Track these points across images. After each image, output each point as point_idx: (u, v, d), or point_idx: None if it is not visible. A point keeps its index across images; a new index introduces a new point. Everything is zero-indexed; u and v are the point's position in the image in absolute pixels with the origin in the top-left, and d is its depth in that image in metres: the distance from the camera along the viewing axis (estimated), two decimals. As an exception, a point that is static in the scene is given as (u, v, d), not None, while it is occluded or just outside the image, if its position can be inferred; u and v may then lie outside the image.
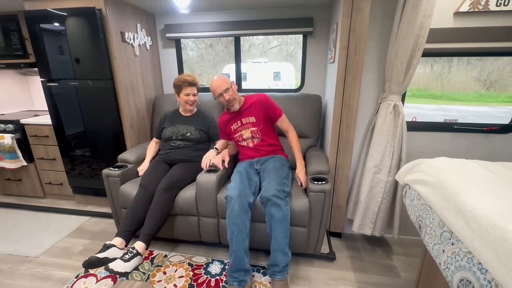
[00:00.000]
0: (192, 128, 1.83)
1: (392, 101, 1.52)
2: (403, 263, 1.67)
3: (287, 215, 1.38)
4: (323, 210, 1.46)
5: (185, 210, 1.60)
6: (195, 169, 1.68)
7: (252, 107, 1.66)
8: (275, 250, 1.37)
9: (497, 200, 0.71)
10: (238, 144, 1.77)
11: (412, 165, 1.13)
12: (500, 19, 1.45)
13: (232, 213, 1.37)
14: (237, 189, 1.42)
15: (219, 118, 1.79)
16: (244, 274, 1.34)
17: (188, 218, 1.63)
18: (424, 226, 0.95)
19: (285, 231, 1.37)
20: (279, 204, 1.37)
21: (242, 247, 1.36)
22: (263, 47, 9.51)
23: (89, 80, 1.89)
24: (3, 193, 2.55)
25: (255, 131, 1.67)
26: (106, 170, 1.70)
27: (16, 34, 2.22)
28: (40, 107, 2.88)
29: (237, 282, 1.32)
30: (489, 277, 0.61)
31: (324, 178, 1.50)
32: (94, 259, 1.29)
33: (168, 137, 1.83)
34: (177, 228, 1.67)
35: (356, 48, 1.42)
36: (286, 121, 1.72)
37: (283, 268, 1.35)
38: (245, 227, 1.38)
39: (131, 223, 1.49)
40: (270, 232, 1.39)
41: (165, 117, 1.93)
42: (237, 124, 1.69)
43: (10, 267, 1.62)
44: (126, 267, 1.30)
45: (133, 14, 1.99)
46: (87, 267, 1.30)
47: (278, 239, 1.35)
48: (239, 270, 1.34)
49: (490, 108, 7.22)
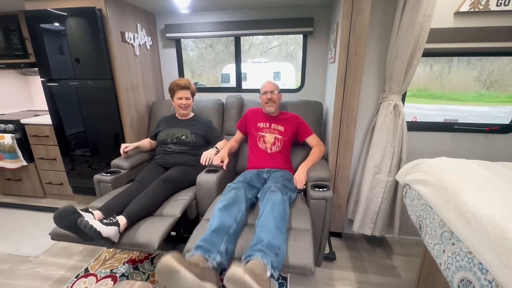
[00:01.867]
0: (187, 131, 1.80)
1: (392, 101, 1.52)
2: (403, 263, 1.67)
3: (285, 203, 1.25)
4: (325, 219, 1.39)
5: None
6: (192, 173, 1.65)
7: (285, 120, 1.76)
8: (260, 232, 1.08)
9: (497, 200, 0.71)
10: (254, 145, 1.76)
11: (412, 165, 1.13)
12: (501, 19, 1.45)
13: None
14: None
15: (251, 109, 1.87)
16: (215, 251, 1.03)
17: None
18: (424, 226, 0.95)
19: (279, 213, 1.16)
20: (275, 191, 1.29)
21: (226, 223, 1.14)
22: (263, 47, 9.52)
23: (89, 80, 1.89)
24: (3, 193, 2.55)
25: (279, 139, 1.72)
26: (97, 176, 1.61)
27: (16, 34, 2.22)
28: (40, 107, 2.88)
29: (202, 251, 1.01)
30: (490, 277, 0.61)
31: (325, 185, 1.44)
32: (71, 208, 1.13)
33: (163, 139, 1.78)
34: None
35: (356, 48, 1.42)
36: (316, 139, 1.76)
37: (268, 249, 0.99)
38: (239, 211, 1.24)
39: (116, 204, 1.37)
40: (257, 223, 1.16)
41: (161, 120, 1.92)
42: (265, 125, 1.75)
43: (10, 267, 1.62)
44: (103, 229, 1.13)
45: (133, 14, 1.99)
46: (59, 217, 1.11)
47: (267, 225, 1.10)
48: (209, 241, 1.06)
49: (490, 108, 7.22)
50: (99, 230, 1.11)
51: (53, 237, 1.27)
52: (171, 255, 0.92)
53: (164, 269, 0.91)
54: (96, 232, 1.10)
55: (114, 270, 1.55)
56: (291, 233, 1.23)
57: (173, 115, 1.93)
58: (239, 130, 1.88)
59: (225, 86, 5.76)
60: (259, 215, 1.20)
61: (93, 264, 1.61)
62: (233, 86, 2.40)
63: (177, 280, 0.90)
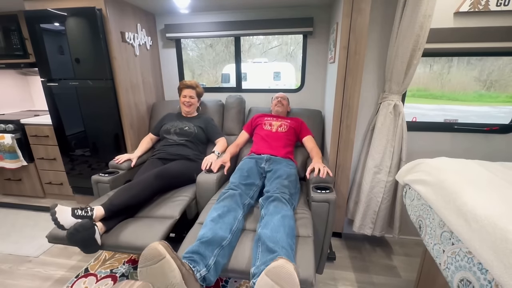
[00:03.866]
0: (191, 124, 1.92)
1: (392, 101, 1.52)
2: (403, 263, 1.67)
3: (293, 216, 1.18)
4: (327, 223, 1.31)
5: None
6: (190, 169, 1.66)
7: (290, 119, 1.91)
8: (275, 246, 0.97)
9: (497, 200, 0.71)
10: (260, 129, 1.85)
11: (412, 165, 1.13)
12: (500, 19, 1.45)
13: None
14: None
15: (257, 114, 2.01)
16: (202, 264, 0.95)
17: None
18: (424, 226, 0.95)
19: (291, 230, 1.07)
20: (284, 202, 1.20)
21: (219, 234, 1.04)
22: (263, 47, 9.51)
23: (89, 80, 1.89)
24: (3, 193, 2.55)
25: (286, 124, 1.84)
26: (95, 176, 1.58)
27: (16, 34, 2.22)
28: (40, 107, 2.88)
29: (188, 261, 0.94)
30: (489, 277, 0.61)
31: (328, 186, 1.37)
32: (53, 210, 1.11)
33: (167, 129, 1.89)
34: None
35: (356, 48, 1.42)
36: (313, 141, 1.79)
37: (284, 249, 0.95)
38: (235, 219, 1.15)
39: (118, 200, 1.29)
40: (265, 230, 1.04)
41: (167, 115, 2.04)
42: (272, 119, 1.90)
43: (10, 267, 1.62)
44: (67, 222, 1.11)
45: (133, 14, 1.99)
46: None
47: (279, 237, 1.01)
48: (197, 253, 0.97)
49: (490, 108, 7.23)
50: (62, 224, 1.10)
51: (50, 240, 1.23)
52: (159, 242, 0.87)
53: (149, 254, 0.85)
54: (60, 225, 1.10)
55: (114, 270, 1.55)
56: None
57: (178, 112, 2.05)
58: (246, 131, 1.95)
59: (225, 86, 5.75)
60: (265, 224, 1.08)
61: (93, 264, 1.61)
62: (233, 86, 2.40)
63: (160, 267, 0.83)
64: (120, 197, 1.28)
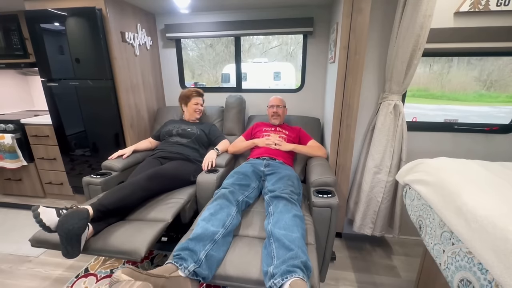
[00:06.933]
0: (194, 126, 1.94)
1: (392, 101, 1.52)
2: (403, 263, 1.67)
3: (303, 218, 1.15)
4: (329, 229, 1.26)
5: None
6: (188, 170, 1.63)
7: (289, 129, 1.92)
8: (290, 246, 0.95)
9: (497, 200, 0.71)
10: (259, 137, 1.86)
11: (412, 165, 1.13)
12: (501, 19, 1.45)
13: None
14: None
15: (257, 122, 2.02)
16: (190, 260, 0.92)
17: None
18: (424, 226, 0.95)
19: (305, 232, 1.06)
20: (293, 203, 1.18)
21: (210, 229, 1.03)
22: (263, 47, 9.51)
23: (89, 80, 1.89)
24: (3, 193, 2.55)
25: (284, 137, 1.84)
26: (87, 178, 1.51)
27: (16, 34, 2.22)
28: (40, 107, 2.88)
29: (175, 259, 0.92)
30: (490, 277, 0.61)
31: (330, 190, 1.32)
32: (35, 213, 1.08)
33: (169, 130, 1.90)
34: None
35: (357, 48, 1.42)
36: (316, 143, 1.83)
37: (302, 265, 0.89)
38: (228, 215, 1.13)
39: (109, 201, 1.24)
40: (278, 228, 1.03)
41: (169, 121, 2.06)
42: (271, 129, 1.90)
43: (10, 267, 1.62)
44: (53, 223, 1.08)
45: (133, 14, 1.99)
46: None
47: (295, 237, 0.98)
48: (186, 249, 0.96)
49: (490, 108, 7.23)
50: (48, 225, 1.06)
51: (34, 244, 1.18)
52: (121, 270, 0.84)
53: (111, 281, 0.82)
54: (45, 227, 1.06)
55: (114, 270, 1.55)
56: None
57: (181, 118, 2.11)
58: (245, 138, 1.94)
59: (225, 86, 5.75)
60: (277, 221, 1.07)
61: (93, 264, 1.61)
62: (233, 86, 2.40)
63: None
64: (110, 198, 1.21)
